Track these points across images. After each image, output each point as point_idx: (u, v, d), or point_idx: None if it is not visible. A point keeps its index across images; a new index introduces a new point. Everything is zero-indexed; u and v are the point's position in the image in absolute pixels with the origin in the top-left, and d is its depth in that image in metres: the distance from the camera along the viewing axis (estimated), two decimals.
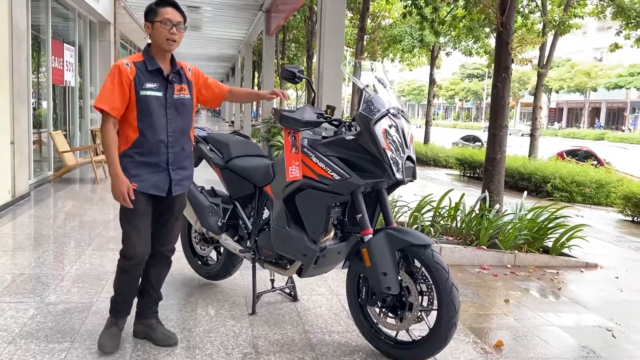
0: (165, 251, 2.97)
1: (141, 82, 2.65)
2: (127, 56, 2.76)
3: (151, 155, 2.71)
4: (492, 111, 6.54)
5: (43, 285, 3.74)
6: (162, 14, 2.67)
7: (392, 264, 2.67)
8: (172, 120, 2.75)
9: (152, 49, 2.75)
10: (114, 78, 2.61)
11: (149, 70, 2.69)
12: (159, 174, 2.74)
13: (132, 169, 2.69)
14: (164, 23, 2.66)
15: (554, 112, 59.27)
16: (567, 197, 11.41)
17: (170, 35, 2.68)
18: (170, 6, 2.70)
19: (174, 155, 2.78)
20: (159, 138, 2.70)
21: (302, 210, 2.88)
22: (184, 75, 2.83)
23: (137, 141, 2.69)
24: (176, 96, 2.77)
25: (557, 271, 5.33)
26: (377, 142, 2.63)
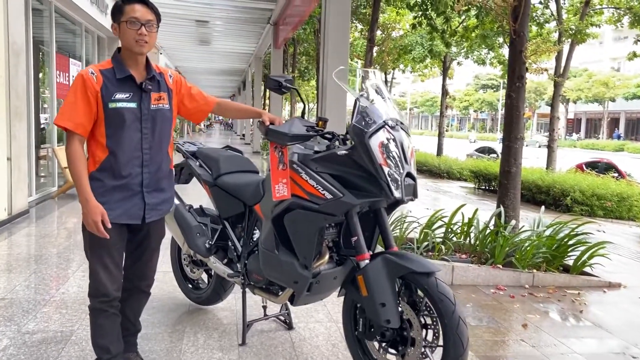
0: (143, 286, 2.68)
1: (109, 93, 2.31)
2: (94, 64, 2.43)
3: (122, 177, 2.36)
4: (507, 122, 6.25)
5: (23, 311, 3.51)
6: (129, 12, 2.31)
7: (391, 294, 2.38)
8: (147, 135, 2.41)
9: (122, 53, 2.40)
10: (77, 90, 2.28)
11: (119, 78, 2.34)
12: (131, 199, 2.40)
13: (100, 195, 2.33)
14: (131, 23, 2.30)
15: (572, 123, 58.34)
16: (587, 211, 10.98)
17: (138, 36, 2.31)
18: (139, 3, 2.34)
19: (150, 175, 2.44)
20: (132, 156, 2.37)
21: (292, 233, 2.60)
22: (163, 82, 2.49)
23: (105, 162, 2.35)
24: (153, 106, 2.41)
25: (579, 292, 5.03)
26: (372, 157, 2.35)
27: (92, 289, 2.43)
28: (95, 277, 2.41)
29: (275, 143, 2.54)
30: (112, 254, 2.42)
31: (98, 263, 2.40)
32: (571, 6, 14.51)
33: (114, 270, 2.44)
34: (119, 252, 2.47)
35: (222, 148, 3.58)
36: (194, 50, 18.86)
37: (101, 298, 2.41)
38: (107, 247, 2.39)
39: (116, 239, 2.42)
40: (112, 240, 2.39)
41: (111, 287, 2.42)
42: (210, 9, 12.25)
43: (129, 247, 2.58)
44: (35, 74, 7.93)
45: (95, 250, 2.40)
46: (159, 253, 2.72)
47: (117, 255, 2.45)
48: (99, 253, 2.40)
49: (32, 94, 7.64)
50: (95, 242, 2.38)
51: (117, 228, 2.40)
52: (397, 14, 16.10)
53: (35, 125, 8.01)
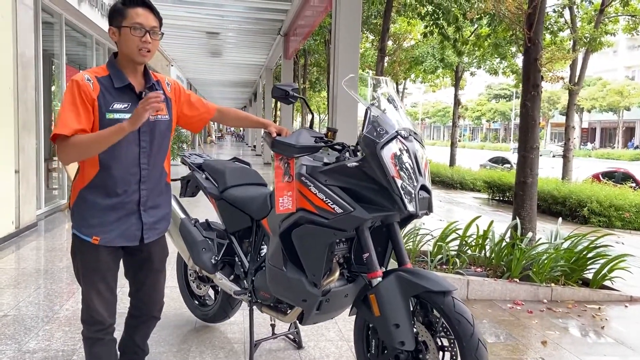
0: (153, 312, 2.48)
1: (107, 102, 2.07)
2: (87, 69, 2.20)
3: (117, 195, 2.14)
4: (522, 132, 6.08)
5: (25, 329, 3.41)
6: (132, 16, 2.08)
7: (405, 314, 2.23)
8: (146, 149, 2.19)
9: (120, 60, 2.17)
10: (74, 96, 2.02)
11: (117, 87, 2.12)
12: (127, 218, 2.18)
13: (91, 216, 2.12)
14: (135, 29, 2.08)
15: (587, 132, 57.72)
16: (605, 222, 10.72)
17: (142, 44, 2.10)
18: (142, 6, 2.11)
19: (147, 192, 2.23)
20: (128, 172, 2.15)
21: (300, 249, 2.48)
22: (161, 91, 2.21)
23: (97, 178, 2.11)
24: (152, 118, 2.18)
25: (599, 306, 4.83)
26: (384, 169, 2.23)
27: (85, 316, 2.25)
28: (88, 304, 2.22)
29: (281, 155, 2.42)
30: (106, 280, 2.23)
31: (92, 289, 2.21)
32: (585, 14, 14.32)
33: (109, 296, 2.25)
34: (113, 276, 2.27)
35: (230, 160, 3.48)
36: (205, 62, 18.95)
37: (96, 326, 2.23)
38: (100, 272, 2.20)
39: (110, 264, 2.23)
40: (106, 265, 2.21)
41: (106, 314, 2.23)
42: (221, 20, 12.27)
43: (130, 272, 2.40)
44: (45, 86, 7.93)
45: (88, 276, 2.21)
46: (165, 274, 2.51)
47: (111, 280, 2.26)
48: (92, 279, 2.20)
49: (42, 107, 7.63)
50: (87, 267, 2.20)
51: (111, 251, 2.22)
52: (408, 24, 16.03)
53: (45, 138, 8.00)
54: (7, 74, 5.81)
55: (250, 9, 11.30)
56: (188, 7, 11.43)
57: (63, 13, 8.49)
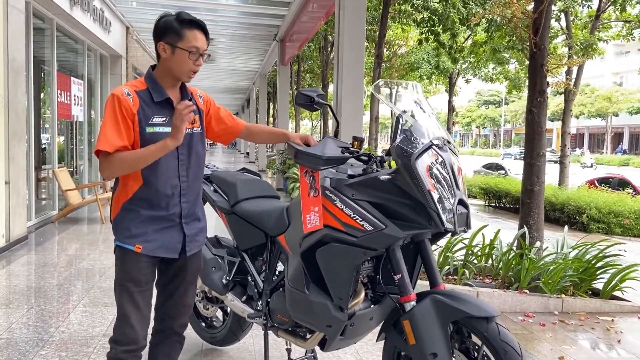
0: (176, 326, 2.35)
1: (147, 117, 2.08)
2: (125, 83, 2.23)
3: (160, 207, 2.14)
4: (528, 139, 5.94)
5: (20, 354, 3.17)
6: (190, 39, 2.08)
7: (444, 343, 2.04)
8: (184, 162, 2.19)
9: (160, 74, 2.16)
10: (114, 111, 2.03)
11: (156, 101, 2.12)
12: (169, 230, 2.17)
13: (134, 227, 2.12)
14: (193, 53, 2.09)
15: (575, 138, 58.17)
16: (604, 229, 10.65)
17: (195, 67, 2.13)
18: (200, 30, 2.12)
19: (189, 205, 2.22)
20: (169, 185, 2.15)
21: (325, 270, 2.27)
22: (194, 104, 2.24)
23: (140, 191, 2.12)
24: (188, 130, 2.20)
25: (612, 318, 4.71)
26: (419, 183, 2.04)
27: (118, 333, 2.14)
28: (125, 319, 2.12)
29: (306, 167, 2.22)
30: (144, 293, 2.16)
31: (130, 303, 2.13)
32: (579, 20, 14.33)
33: (146, 312, 2.17)
34: (150, 291, 2.21)
35: (239, 171, 3.26)
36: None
37: (128, 346, 2.12)
38: (140, 283, 2.14)
39: (150, 276, 2.19)
40: (147, 276, 2.17)
41: (141, 331, 2.15)
42: (215, 25, 12.08)
43: (161, 281, 2.33)
44: (35, 93, 7.68)
45: (128, 288, 2.13)
46: (195, 289, 2.43)
47: (149, 295, 2.20)
48: (131, 290, 2.13)
49: (33, 114, 7.37)
50: (128, 278, 2.13)
51: (151, 264, 2.18)
52: (402, 30, 15.96)
53: (35, 146, 7.73)
54: None
55: (246, 14, 11.13)
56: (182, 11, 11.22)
57: (54, 18, 8.24)
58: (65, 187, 7.74)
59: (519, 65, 16.30)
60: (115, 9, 10.80)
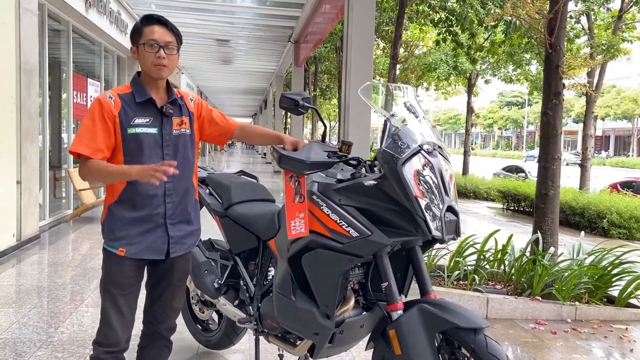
0: (162, 330, 2.37)
1: (128, 118, 2.13)
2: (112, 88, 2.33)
3: (143, 208, 2.16)
4: (543, 142, 5.80)
5: (17, 355, 3.18)
6: (147, 34, 2.14)
7: (430, 353, 1.97)
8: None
9: (142, 77, 2.23)
10: (94, 114, 2.09)
11: (138, 102, 2.16)
12: (154, 232, 2.18)
13: (118, 229, 2.15)
14: (149, 45, 2.13)
15: (600, 140, 56.96)
16: (625, 234, 10.37)
17: (157, 59, 2.14)
18: (158, 24, 2.17)
19: (174, 205, 2.23)
20: (153, 185, 2.14)
21: (311, 276, 2.22)
22: (184, 106, 2.30)
23: (124, 193, 2.15)
24: (175, 132, 2.23)
25: (626, 327, 4.59)
26: (406, 188, 1.97)
27: (100, 335, 2.18)
28: (106, 321, 2.17)
29: (291, 172, 2.17)
30: (127, 297, 2.19)
31: (112, 306, 2.16)
32: (602, 20, 14.00)
33: (128, 315, 2.20)
34: (134, 295, 2.24)
35: (235, 173, 3.24)
36: (216, 70, 18.85)
37: (109, 348, 2.16)
38: (123, 287, 2.17)
39: (133, 280, 2.20)
40: (130, 280, 2.18)
41: (122, 335, 2.18)
42: (231, 27, 12.14)
43: (149, 283, 2.34)
44: (52, 94, 7.79)
45: (110, 291, 2.17)
46: (183, 292, 2.44)
47: (132, 299, 2.22)
48: (114, 293, 2.16)
49: (47, 115, 7.47)
50: (111, 281, 2.17)
51: (136, 267, 2.20)
52: (420, 31, 15.79)
53: (50, 146, 7.84)
54: (9, 82, 5.65)
55: (261, 16, 11.15)
56: (198, 15, 11.31)
57: (70, 20, 8.36)
58: (79, 187, 7.84)
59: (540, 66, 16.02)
60: (132, 11, 10.91)
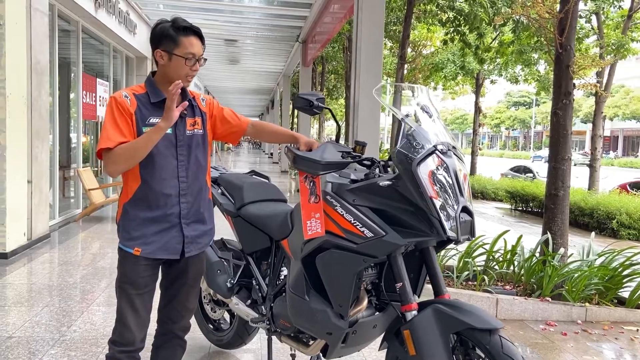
0: (176, 329, 2.38)
1: (144, 117, 2.13)
2: (126, 87, 2.32)
3: (158, 208, 2.16)
4: (553, 142, 5.77)
5: (30, 353, 3.21)
6: (186, 46, 2.12)
7: (445, 354, 1.96)
8: (184, 162, 2.22)
9: (159, 79, 2.22)
10: (113, 112, 2.09)
11: (153, 102, 2.17)
12: (168, 231, 2.19)
13: (133, 229, 2.15)
14: (188, 59, 2.13)
15: (609, 141, 56.59)
16: (635, 236, 10.30)
17: (192, 72, 2.17)
18: (195, 36, 2.16)
19: (188, 205, 2.23)
20: (168, 185, 2.17)
21: (325, 276, 2.22)
22: (196, 107, 2.31)
23: (139, 191, 2.15)
24: (189, 132, 2.23)
25: (637, 328, 4.58)
26: (421, 189, 1.97)
27: (116, 335, 2.19)
28: (122, 320, 2.17)
29: (306, 172, 2.17)
30: (143, 296, 2.19)
31: (128, 305, 2.17)
32: (611, 20, 13.91)
33: (144, 314, 2.20)
34: (150, 294, 2.24)
35: (247, 173, 3.24)
36: (223, 70, 18.87)
37: (124, 347, 2.16)
38: (138, 286, 2.17)
39: (149, 279, 2.21)
40: (145, 279, 2.19)
41: (138, 334, 2.18)
42: (239, 27, 12.15)
43: (164, 283, 2.35)
44: (61, 94, 7.83)
45: (126, 290, 2.17)
46: (197, 292, 2.45)
47: (147, 298, 2.22)
48: (130, 293, 2.17)
49: (57, 114, 7.51)
50: (127, 280, 2.17)
51: (151, 267, 2.21)
52: (427, 30, 15.75)
53: (60, 146, 7.89)
54: (20, 82, 5.68)
55: (269, 16, 11.16)
56: (206, 15, 11.33)
57: (80, 20, 8.41)
58: (89, 187, 7.88)
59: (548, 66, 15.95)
60: (140, 12, 10.96)
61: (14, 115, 5.57)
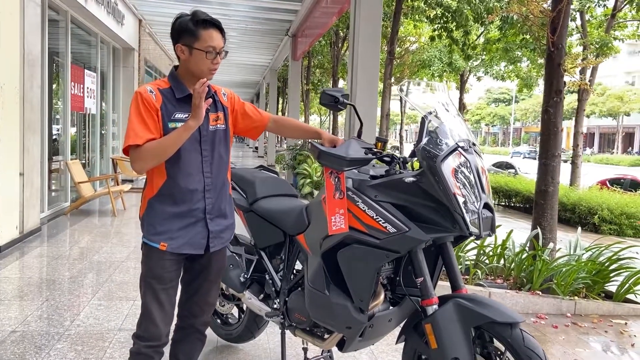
0: (197, 324, 2.39)
1: (169, 112, 2.12)
2: (150, 82, 2.25)
3: (184, 203, 2.16)
4: (543, 139, 5.89)
5: (36, 348, 3.18)
6: (206, 39, 2.10)
7: (466, 348, 2.02)
8: (208, 157, 2.22)
9: (182, 73, 2.20)
10: (139, 108, 2.08)
11: (178, 98, 2.15)
12: (193, 226, 2.19)
13: (159, 224, 2.15)
14: (209, 53, 2.11)
15: (585, 138, 57.67)
16: (616, 231, 10.56)
17: (214, 65, 2.15)
18: (216, 28, 2.14)
19: (212, 200, 2.23)
20: (193, 180, 2.17)
21: (346, 271, 2.25)
22: (218, 102, 2.30)
23: (164, 187, 2.15)
24: (212, 127, 2.23)
25: (625, 321, 4.68)
26: (444, 185, 2.01)
27: (141, 329, 2.19)
28: (148, 315, 2.17)
29: (331, 168, 2.20)
30: (168, 291, 2.20)
31: (154, 300, 2.17)
32: (594, 19, 14.17)
33: (169, 309, 2.21)
34: (174, 289, 2.24)
35: (256, 168, 3.25)
36: None
37: (150, 342, 2.17)
38: (164, 281, 2.18)
39: (174, 274, 2.21)
40: (171, 274, 2.19)
41: (164, 329, 2.18)
42: (227, 19, 12.03)
43: (185, 279, 2.36)
44: (50, 85, 7.69)
45: (152, 285, 2.17)
46: (218, 287, 2.46)
47: (173, 292, 2.23)
48: (155, 287, 2.17)
49: (47, 106, 7.38)
50: (153, 275, 2.17)
51: (176, 262, 2.21)
52: (414, 27, 15.85)
53: (48, 138, 7.75)
54: (13, 73, 5.57)
55: (258, 9, 11.08)
56: (192, 5, 11.18)
57: (69, 10, 8.26)
58: (78, 180, 7.77)
59: (531, 63, 16.18)
60: (128, 2, 10.80)
61: (7, 107, 5.46)
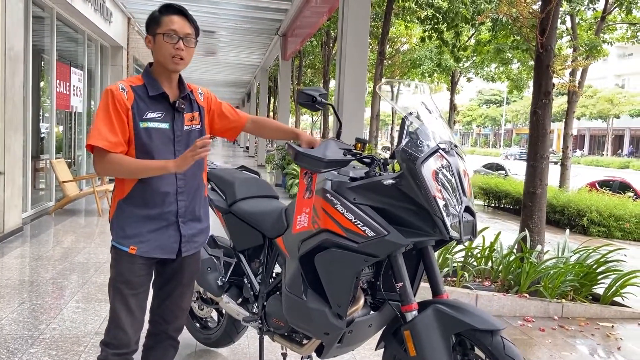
0: (170, 330, 2.31)
1: (141, 111, 2.05)
2: (123, 79, 2.23)
3: (155, 206, 2.09)
4: (532, 140, 5.88)
5: (8, 352, 3.09)
6: (166, 23, 2.06)
7: (446, 355, 1.96)
8: None
9: (155, 69, 2.14)
10: (108, 106, 2.00)
11: (151, 95, 2.08)
12: (165, 230, 2.12)
13: (128, 226, 2.08)
14: (168, 36, 2.05)
15: (576, 139, 58.04)
16: (604, 232, 10.60)
17: (175, 51, 2.06)
18: (177, 14, 2.10)
19: (185, 203, 2.16)
20: (165, 182, 2.09)
21: (324, 276, 2.19)
22: (194, 101, 2.23)
23: (135, 189, 2.08)
24: (186, 127, 2.16)
25: (612, 324, 4.67)
26: (424, 188, 1.96)
27: (109, 336, 2.11)
28: (116, 322, 2.10)
29: (307, 169, 2.14)
30: (138, 296, 2.12)
31: (122, 306, 2.09)
32: (584, 21, 14.23)
33: (138, 315, 2.13)
34: (144, 294, 2.17)
35: (237, 168, 3.18)
36: (199, 61, 18.54)
37: (118, 350, 2.09)
38: (133, 286, 2.10)
39: (144, 278, 2.14)
40: (141, 279, 2.12)
41: (133, 336, 2.11)
42: (217, 19, 11.95)
43: (157, 283, 2.28)
44: (34, 82, 7.57)
45: (121, 290, 2.09)
46: (192, 292, 2.38)
47: (143, 298, 2.16)
48: (124, 292, 2.09)
49: (31, 104, 7.26)
50: (121, 280, 2.09)
51: (147, 266, 2.13)
52: (405, 27, 15.83)
53: (32, 136, 7.62)
54: None
55: (248, 8, 11.00)
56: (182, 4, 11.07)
57: (54, 7, 8.13)
58: (63, 179, 7.65)
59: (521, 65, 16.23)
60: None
61: None
